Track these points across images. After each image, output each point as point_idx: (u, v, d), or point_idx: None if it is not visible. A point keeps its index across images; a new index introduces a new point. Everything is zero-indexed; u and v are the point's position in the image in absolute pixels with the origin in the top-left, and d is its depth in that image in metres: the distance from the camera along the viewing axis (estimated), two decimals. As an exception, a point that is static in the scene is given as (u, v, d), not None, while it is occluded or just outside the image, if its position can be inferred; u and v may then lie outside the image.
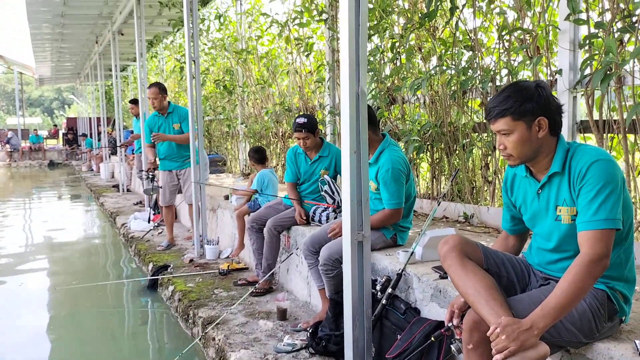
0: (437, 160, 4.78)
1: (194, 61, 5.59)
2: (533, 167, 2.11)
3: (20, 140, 24.72)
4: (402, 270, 2.88)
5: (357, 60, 2.66)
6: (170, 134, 5.95)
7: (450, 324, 2.17)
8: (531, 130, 1.98)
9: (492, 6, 4.12)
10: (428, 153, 4.80)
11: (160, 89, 5.98)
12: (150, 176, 6.67)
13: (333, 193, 4.23)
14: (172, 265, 5.36)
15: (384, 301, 2.86)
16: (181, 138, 5.93)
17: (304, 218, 4.27)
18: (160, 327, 4.45)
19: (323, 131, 6.19)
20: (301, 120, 4.14)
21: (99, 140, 17.48)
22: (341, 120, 2.67)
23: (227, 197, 6.24)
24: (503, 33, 3.85)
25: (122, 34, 11.51)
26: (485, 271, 2.08)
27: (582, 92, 3.39)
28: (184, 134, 5.95)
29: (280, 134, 8.00)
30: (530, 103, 1.96)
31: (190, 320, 4.05)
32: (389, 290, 2.87)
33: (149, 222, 7.53)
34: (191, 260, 5.53)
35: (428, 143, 4.66)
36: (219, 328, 3.61)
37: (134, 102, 9.29)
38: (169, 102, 6.09)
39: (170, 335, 4.22)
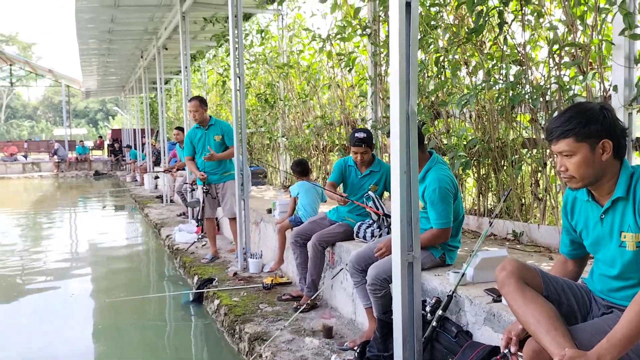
0: (484, 176, 4.69)
1: (239, 77, 5.66)
2: (595, 191, 2.04)
3: (67, 151, 25.51)
4: (453, 292, 2.82)
5: (407, 80, 2.64)
6: (211, 146, 6.04)
7: (506, 351, 2.11)
8: (595, 153, 1.92)
9: (541, 20, 4.04)
10: (474, 169, 4.72)
11: (201, 101, 6.08)
12: (205, 191, 6.62)
13: (377, 209, 4.20)
14: (216, 279, 5.42)
15: (434, 323, 2.80)
16: (227, 155, 6.01)
17: (343, 196, 4.20)
18: (206, 342, 4.49)
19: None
20: (361, 134, 4.14)
21: (143, 151, 17.89)
22: (391, 140, 2.65)
23: (269, 211, 6.28)
24: (554, 48, 3.76)
25: (166, 49, 11.79)
26: (545, 298, 2.02)
27: (638, 109, 3.27)
28: (228, 150, 6.01)
29: (321, 147, 8.02)
30: (595, 125, 1.90)
31: (236, 336, 4.07)
32: (440, 312, 2.82)
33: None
34: (235, 274, 5.57)
35: (475, 159, 4.58)
36: (266, 345, 3.61)
37: (180, 129, 9.49)
38: (210, 116, 6.18)
39: (216, 350, 4.25)
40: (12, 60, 28.40)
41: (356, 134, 4.15)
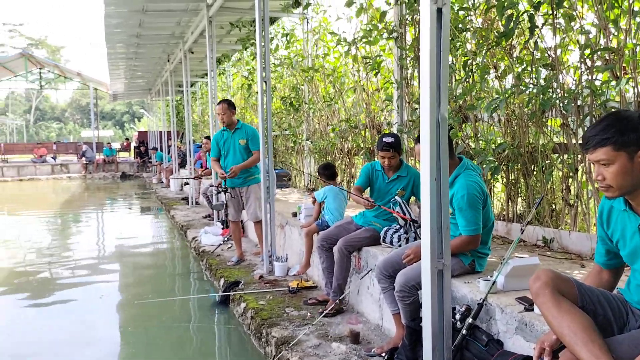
0: (513, 182, 4.63)
1: (265, 82, 5.69)
2: (633, 201, 2.00)
3: (95, 152, 25.96)
4: (484, 300, 2.79)
5: (438, 87, 2.62)
6: (235, 150, 6.08)
7: (539, 361, 2.08)
8: (633, 162, 1.89)
9: (572, 24, 3.97)
10: (503, 173, 4.66)
11: (229, 104, 6.13)
12: (222, 190, 6.74)
13: (404, 214, 4.17)
14: (242, 281, 5.45)
15: (464, 331, 2.78)
16: (252, 161, 6.03)
17: (370, 201, 4.21)
18: (232, 345, 4.52)
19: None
20: (389, 139, 4.14)
21: (169, 153, 18.10)
22: (421, 147, 2.63)
23: (295, 214, 6.30)
24: (586, 52, 3.69)
25: (192, 52, 11.93)
26: (581, 309, 1.99)
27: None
28: (251, 158, 6.04)
29: (346, 150, 8.01)
30: (633, 133, 1.86)
31: (263, 339, 4.09)
32: (470, 320, 2.79)
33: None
34: (261, 277, 5.60)
35: (504, 163, 4.53)
36: (292, 349, 3.63)
37: (208, 138, 9.59)
38: (238, 120, 6.23)
39: (242, 353, 4.28)
40: (41, 63, 29.03)
41: (384, 139, 4.14)
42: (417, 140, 3.44)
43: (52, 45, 60.53)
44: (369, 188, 4.47)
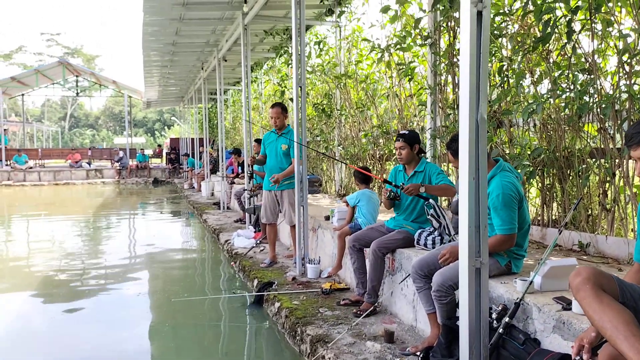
0: (549, 186, 4.62)
1: (301, 87, 5.81)
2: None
3: (128, 159, 26.54)
4: (521, 300, 2.82)
5: (478, 88, 2.68)
6: (277, 153, 6.23)
7: (577, 358, 2.11)
8: (675, 159, 1.91)
9: (609, 29, 3.98)
10: (538, 178, 4.66)
11: (282, 108, 6.29)
12: (255, 194, 6.95)
13: (439, 217, 4.22)
14: (276, 282, 5.54)
15: (501, 330, 2.81)
16: (287, 173, 6.18)
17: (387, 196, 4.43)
18: (267, 343, 4.60)
19: (423, 154, 6.17)
20: (403, 131, 4.41)
21: (200, 159, 18.41)
22: (460, 146, 2.69)
23: (327, 218, 6.38)
24: (624, 56, 3.69)
25: (225, 60, 12.18)
26: (622, 305, 2.01)
27: None
28: (288, 169, 6.19)
29: (377, 156, 8.06)
30: None
31: (297, 338, 4.16)
32: (506, 319, 2.82)
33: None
34: (294, 278, 5.69)
35: (539, 168, 4.53)
36: (328, 347, 3.69)
37: (257, 141, 9.80)
38: (288, 125, 6.40)
39: (277, 351, 4.36)
40: (78, 71, 29.88)
41: (400, 132, 4.41)
42: (448, 146, 3.51)
43: (88, 54, 62.17)
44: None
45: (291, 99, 10.53)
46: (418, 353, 3.39)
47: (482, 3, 2.61)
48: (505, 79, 4.79)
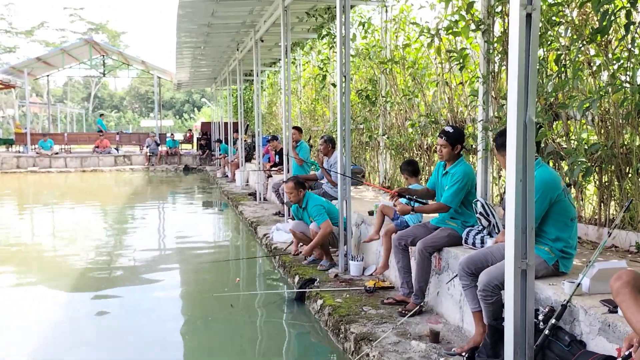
0: (607, 184, 4.83)
1: (345, 76, 6.13)
2: None
3: (158, 144, 27.36)
4: (568, 302, 3.10)
5: (527, 88, 2.96)
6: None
7: (626, 352, 2.39)
8: None
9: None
10: (596, 175, 4.86)
11: (296, 183, 6.80)
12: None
13: (488, 215, 4.49)
14: (318, 279, 5.93)
15: (546, 331, 3.10)
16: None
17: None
18: (309, 340, 5.01)
19: (474, 146, 6.41)
20: (448, 128, 4.82)
21: (234, 146, 18.92)
22: (507, 148, 2.97)
23: (371, 213, 6.70)
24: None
25: (262, 41, 12.58)
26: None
27: None
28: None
29: (425, 147, 8.31)
30: None
31: (341, 335, 4.54)
32: (553, 320, 3.11)
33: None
34: (336, 276, 6.06)
35: (596, 165, 4.74)
36: (372, 345, 4.05)
37: (297, 129, 10.29)
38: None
39: (320, 348, 4.76)
40: (105, 50, 30.94)
41: (445, 127, 4.80)
42: (495, 140, 3.80)
43: (113, 30, 63.78)
44: None
45: (333, 85, 10.88)
46: (463, 353, 3.72)
47: (531, 5, 2.88)
48: (563, 69, 4.99)
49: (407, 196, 4.99)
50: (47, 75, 32.88)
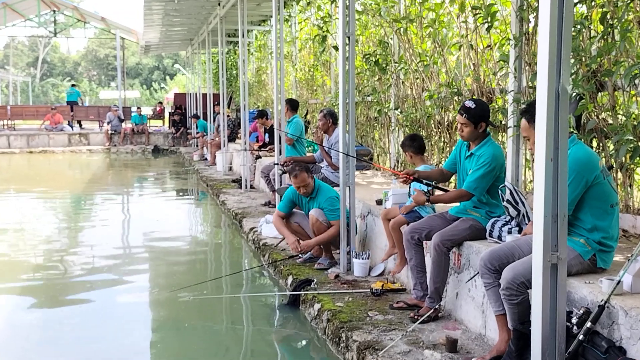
0: (658, 167, 4.97)
1: (349, 37, 6.23)
2: None
3: (122, 120, 27.37)
4: (606, 302, 3.25)
5: (559, 51, 3.08)
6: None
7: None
8: None
9: None
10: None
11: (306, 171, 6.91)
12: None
13: (517, 203, 4.63)
14: (315, 280, 6.09)
15: (581, 337, 3.25)
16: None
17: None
18: (306, 349, 5.18)
19: (503, 122, 6.54)
20: (469, 103, 4.84)
21: (214, 122, 19.01)
22: (536, 122, 3.10)
23: (379, 202, 6.83)
24: None
25: (249, -7, 12.66)
26: None
27: None
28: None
29: (446, 124, 8.42)
30: None
31: (342, 344, 4.71)
32: (588, 324, 3.26)
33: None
34: (337, 276, 6.23)
35: (646, 144, 4.87)
36: (378, 355, 4.22)
37: (293, 104, 10.40)
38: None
39: (318, 358, 4.93)
40: (57, 5, 30.94)
41: (466, 102, 4.85)
42: (523, 112, 3.94)
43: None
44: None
45: (335, 47, 10.96)
46: (485, 364, 3.88)
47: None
48: (609, 29, 5.11)
49: (424, 181, 5.11)
50: (-15, 35, 32.91)
